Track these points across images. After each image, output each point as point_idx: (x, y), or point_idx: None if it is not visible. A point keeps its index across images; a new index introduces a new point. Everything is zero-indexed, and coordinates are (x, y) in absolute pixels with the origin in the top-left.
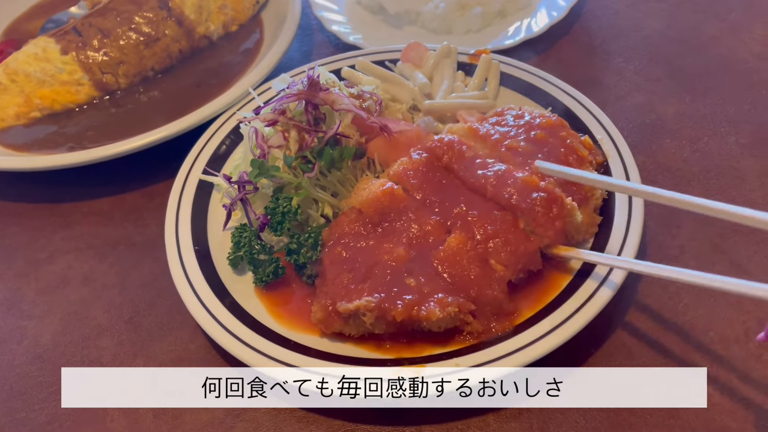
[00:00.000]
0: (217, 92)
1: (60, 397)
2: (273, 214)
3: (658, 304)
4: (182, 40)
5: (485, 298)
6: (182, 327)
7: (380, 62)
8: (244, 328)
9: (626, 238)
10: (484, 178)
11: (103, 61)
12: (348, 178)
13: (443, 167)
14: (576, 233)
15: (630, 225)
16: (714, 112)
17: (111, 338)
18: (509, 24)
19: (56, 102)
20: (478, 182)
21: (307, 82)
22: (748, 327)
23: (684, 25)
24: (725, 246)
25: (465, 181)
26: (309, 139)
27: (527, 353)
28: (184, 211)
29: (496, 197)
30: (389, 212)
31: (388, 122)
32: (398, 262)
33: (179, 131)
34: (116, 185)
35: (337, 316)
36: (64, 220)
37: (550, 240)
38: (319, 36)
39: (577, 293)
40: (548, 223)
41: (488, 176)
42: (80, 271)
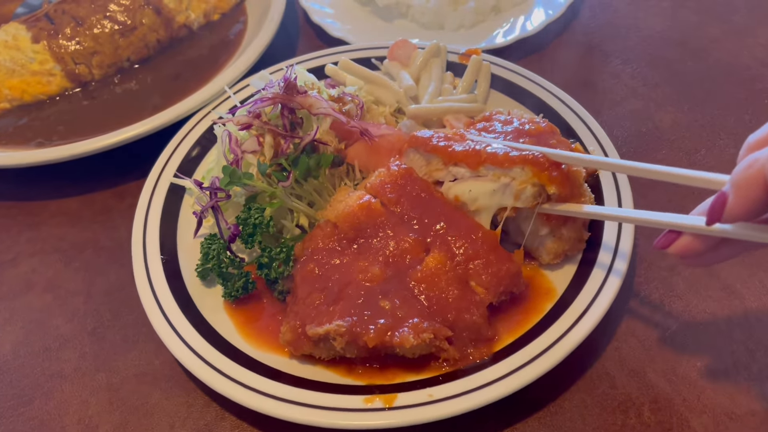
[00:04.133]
0: (195, 87)
1: (20, 411)
2: (244, 225)
3: (644, 331)
4: (160, 30)
5: (463, 322)
6: (147, 341)
7: (366, 59)
8: (210, 348)
9: (614, 258)
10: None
11: (76, 50)
12: (325, 187)
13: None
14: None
15: (619, 244)
16: (713, 122)
17: (73, 350)
18: (504, 20)
19: (26, 93)
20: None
21: (283, 84)
22: (737, 358)
23: (685, 26)
24: (718, 268)
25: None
26: (285, 144)
27: (505, 384)
28: (153, 218)
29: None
30: (366, 227)
31: (368, 126)
32: (373, 282)
33: (151, 130)
34: (87, 182)
35: (307, 339)
36: (32, 219)
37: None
38: (305, 27)
39: (561, 319)
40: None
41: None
42: (45, 275)
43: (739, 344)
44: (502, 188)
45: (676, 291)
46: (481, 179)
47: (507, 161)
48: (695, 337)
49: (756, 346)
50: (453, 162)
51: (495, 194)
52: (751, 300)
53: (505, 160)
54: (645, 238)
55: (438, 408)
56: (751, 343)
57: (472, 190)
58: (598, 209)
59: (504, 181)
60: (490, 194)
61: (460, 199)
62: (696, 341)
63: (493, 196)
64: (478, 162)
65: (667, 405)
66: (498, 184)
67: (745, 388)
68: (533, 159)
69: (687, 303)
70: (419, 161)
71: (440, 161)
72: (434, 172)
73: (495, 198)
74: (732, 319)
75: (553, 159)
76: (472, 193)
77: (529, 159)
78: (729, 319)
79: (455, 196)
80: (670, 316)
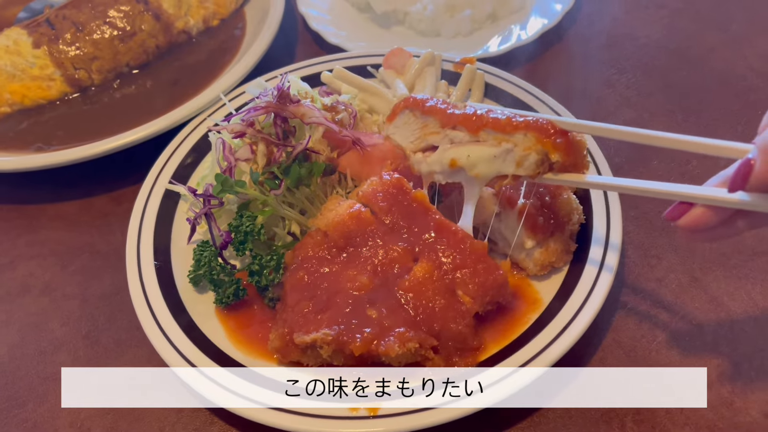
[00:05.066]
0: (193, 92)
1: (14, 413)
2: (236, 232)
3: (630, 342)
4: (159, 36)
5: (449, 332)
6: (140, 345)
7: (362, 67)
8: (200, 354)
9: (601, 269)
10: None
11: (76, 55)
12: (317, 195)
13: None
14: (534, 265)
15: (606, 255)
16: (706, 132)
17: (67, 354)
18: (500, 28)
19: (26, 98)
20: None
21: (276, 93)
22: (722, 371)
23: (682, 34)
24: (706, 280)
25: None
26: (277, 153)
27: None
28: (148, 224)
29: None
30: (355, 236)
31: (361, 135)
32: (361, 291)
33: (148, 135)
34: (84, 187)
35: (295, 347)
36: (30, 223)
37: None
38: (304, 33)
39: (546, 329)
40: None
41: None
42: (42, 279)
43: (725, 357)
44: (503, 154)
45: (663, 302)
46: (481, 144)
47: (510, 126)
48: (681, 348)
49: (741, 359)
50: (451, 125)
51: (495, 160)
52: (737, 312)
53: (508, 124)
54: (634, 248)
55: (421, 417)
56: (736, 356)
57: (471, 155)
58: (601, 179)
59: (506, 146)
60: (491, 160)
61: (457, 164)
62: (681, 353)
63: (494, 163)
64: (479, 126)
65: (649, 416)
66: (499, 150)
67: (728, 401)
68: (538, 125)
69: (673, 315)
70: (413, 124)
71: (437, 123)
72: (429, 136)
73: (495, 164)
74: (718, 332)
75: (559, 126)
76: (471, 158)
77: (534, 124)
78: (715, 331)
79: (452, 159)
80: (657, 328)
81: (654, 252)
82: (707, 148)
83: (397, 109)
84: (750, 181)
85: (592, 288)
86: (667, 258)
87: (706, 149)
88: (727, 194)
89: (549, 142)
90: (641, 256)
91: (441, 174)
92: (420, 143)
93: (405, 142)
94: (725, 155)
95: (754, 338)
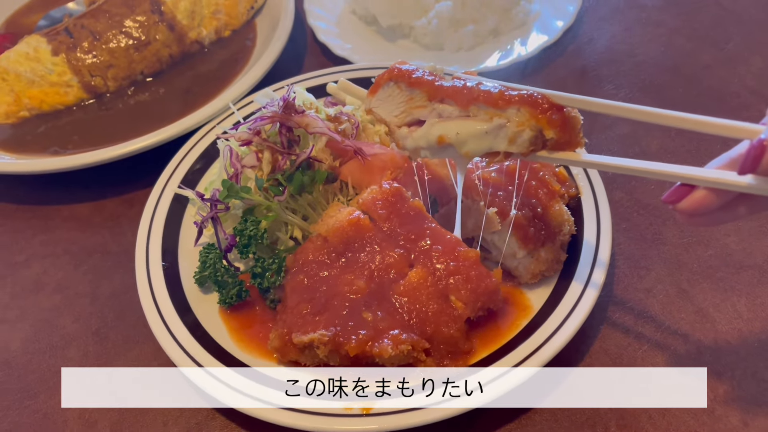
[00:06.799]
0: (204, 101)
1: (26, 404)
2: (240, 236)
3: (617, 350)
4: (173, 45)
5: (441, 335)
6: (147, 342)
7: (367, 79)
8: (204, 352)
9: (590, 278)
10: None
11: (93, 63)
12: (319, 202)
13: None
14: (525, 274)
15: (595, 265)
16: (699, 148)
17: (77, 349)
18: (502, 43)
19: (44, 103)
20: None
21: (282, 104)
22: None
23: (679, 52)
24: (693, 292)
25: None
26: (282, 161)
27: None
28: (157, 226)
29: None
30: (354, 242)
31: (362, 145)
32: (357, 294)
33: (160, 141)
34: (98, 189)
35: (293, 346)
36: (45, 223)
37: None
38: (313, 44)
39: (535, 335)
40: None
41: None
42: (55, 277)
43: (708, 366)
44: (495, 130)
45: (650, 312)
46: (471, 119)
47: (503, 100)
48: (666, 357)
49: (723, 369)
50: (439, 98)
51: (487, 137)
52: (722, 324)
53: (501, 98)
54: (624, 259)
55: (413, 416)
56: (718, 366)
57: (460, 132)
58: (598, 158)
59: (498, 122)
60: (481, 136)
61: (445, 140)
62: (666, 361)
63: (484, 139)
64: (469, 99)
65: (633, 422)
66: (490, 125)
67: (710, 410)
68: (532, 99)
69: (660, 325)
70: (398, 97)
71: (424, 97)
72: (415, 109)
73: (486, 141)
74: (702, 342)
75: (554, 101)
76: (461, 135)
77: (528, 99)
78: (699, 342)
79: (439, 136)
80: (643, 337)
81: (643, 263)
82: (714, 128)
83: (380, 80)
84: (762, 164)
85: (581, 296)
86: (655, 269)
87: (713, 128)
88: (737, 177)
89: (544, 118)
90: (631, 267)
91: (428, 150)
92: (405, 117)
93: (389, 117)
94: (733, 135)
95: (736, 349)
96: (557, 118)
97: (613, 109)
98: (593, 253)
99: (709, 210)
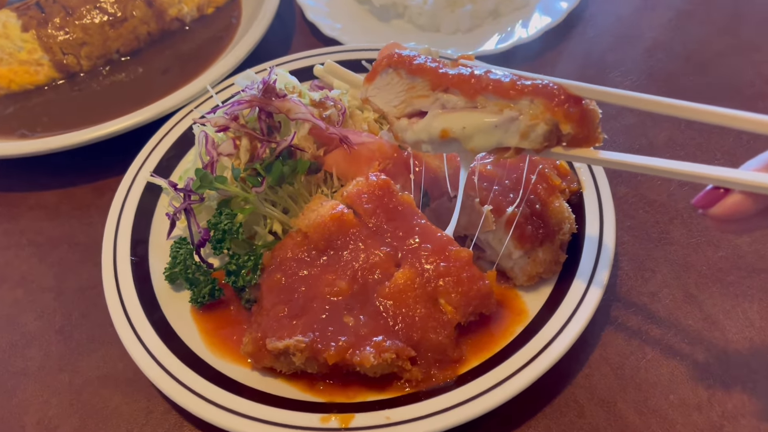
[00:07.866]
0: (183, 82)
1: None
2: (214, 230)
3: (618, 359)
4: (151, 22)
5: (428, 342)
6: (113, 343)
7: (357, 61)
8: (172, 357)
9: (591, 281)
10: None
11: (65, 40)
12: (301, 194)
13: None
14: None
15: (597, 266)
16: (709, 141)
17: (39, 348)
18: (502, 25)
19: (13, 82)
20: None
21: (261, 87)
22: (712, 393)
23: (690, 37)
24: (701, 297)
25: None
26: (261, 149)
27: (468, 409)
28: (126, 217)
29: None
30: (336, 238)
31: (348, 133)
32: (339, 296)
33: (134, 125)
34: (66, 176)
35: (268, 352)
36: (9, 211)
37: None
38: (301, 23)
39: (530, 343)
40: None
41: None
42: (18, 270)
43: (716, 378)
44: (505, 123)
45: (655, 318)
46: (479, 111)
47: (514, 90)
48: (671, 368)
49: (733, 382)
50: (443, 87)
51: (496, 131)
52: (732, 332)
53: (512, 88)
54: (628, 260)
55: (394, 431)
56: (728, 378)
57: (467, 126)
58: (618, 156)
59: (509, 114)
60: (490, 131)
61: (449, 134)
62: (671, 372)
63: (493, 134)
64: (477, 89)
65: None
66: (501, 118)
67: (718, 426)
68: (548, 90)
69: (665, 332)
70: (398, 85)
71: (426, 85)
72: (417, 99)
73: (495, 136)
74: (711, 351)
75: (572, 92)
76: (467, 130)
77: (543, 90)
78: (708, 350)
79: (443, 130)
80: (647, 345)
81: (649, 265)
82: (727, 119)
83: (378, 67)
84: None
85: (581, 301)
86: (661, 272)
87: (726, 120)
88: None
89: (560, 111)
90: (635, 268)
91: (429, 144)
92: (405, 108)
93: (387, 107)
94: (748, 128)
95: (747, 360)
96: (575, 111)
97: (620, 98)
98: (595, 254)
99: (745, 216)
